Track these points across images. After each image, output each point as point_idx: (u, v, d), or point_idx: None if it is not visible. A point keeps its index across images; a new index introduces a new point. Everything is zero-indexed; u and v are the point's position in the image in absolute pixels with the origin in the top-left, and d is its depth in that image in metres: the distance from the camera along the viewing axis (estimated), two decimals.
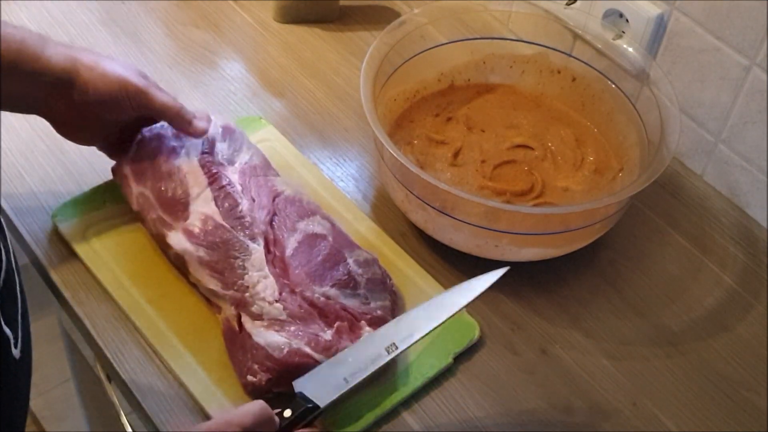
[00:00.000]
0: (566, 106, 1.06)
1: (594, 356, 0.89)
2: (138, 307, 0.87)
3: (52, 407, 1.69)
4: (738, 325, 0.93)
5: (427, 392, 0.84)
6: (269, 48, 1.17)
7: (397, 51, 1.00)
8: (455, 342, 0.87)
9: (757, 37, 0.94)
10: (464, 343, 0.87)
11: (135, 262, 0.90)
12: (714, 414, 0.86)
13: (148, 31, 1.16)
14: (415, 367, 0.84)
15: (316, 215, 0.90)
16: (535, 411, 0.84)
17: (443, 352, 0.86)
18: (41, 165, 0.99)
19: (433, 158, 1.00)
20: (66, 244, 0.91)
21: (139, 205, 0.90)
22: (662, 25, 1.02)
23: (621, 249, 0.98)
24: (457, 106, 1.06)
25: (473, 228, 0.89)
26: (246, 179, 0.91)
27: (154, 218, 0.88)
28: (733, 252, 0.99)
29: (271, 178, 0.93)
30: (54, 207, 0.94)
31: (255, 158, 0.94)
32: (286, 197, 0.91)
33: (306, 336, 0.81)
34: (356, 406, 0.81)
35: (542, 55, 1.06)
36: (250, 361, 0.80)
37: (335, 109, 1.10)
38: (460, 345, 0.87)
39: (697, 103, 1.03)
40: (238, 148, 0.93)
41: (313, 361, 0.79)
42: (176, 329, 0.85)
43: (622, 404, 0.86)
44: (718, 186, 1.05)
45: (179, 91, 1.09)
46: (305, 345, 0.80)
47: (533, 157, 1.01)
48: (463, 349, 0.87)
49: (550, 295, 0.94)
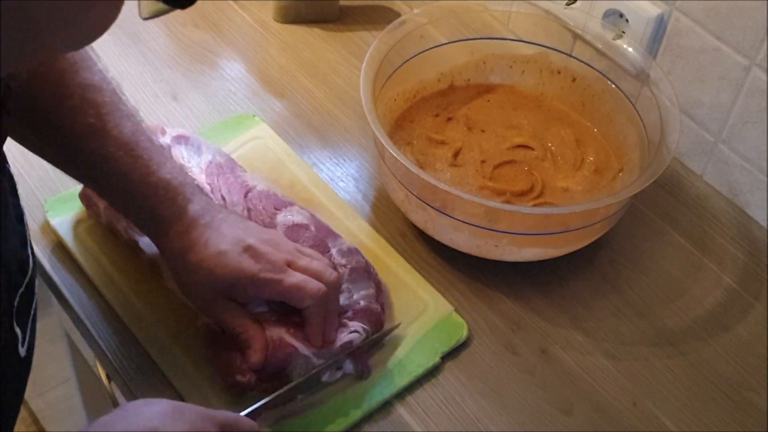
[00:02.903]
0: (566, 106, 1.06)
1: (594, 356, 0.89)
2: (127, 302, 0.87)
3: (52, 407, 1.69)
4: (738, 325, 0.93)
5: (427, 392, 0.84)
6: (269, 48, 1.17)
7: (397, 51, 1.00)
8: (443, 341, 0.87)
9: (757, 37, 0.94)
10: (452, 343, 0.87)
11: (123, 256, 0.90)
12: (714, 414, 0.86)
13: (148, 31, 1.16)
14: (402, 366, 0.85)
15: (294, 205, 0.90)
16: (535, 411, 0.84)
17: (431, 352, 0.86)
18: (41, 165, 0.98)
19: (433, 158, 1.00)
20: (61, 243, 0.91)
21: (107, 217, 0.89)
22: (662, 25, 1.02)
23: (621, 249, 0.98)
24: (457, 106, 1.06)
25: (473, 228, 0.89)
26: (213, 178, 0.90)
27: (124, 226, 0.88)
28: (733, 252, 0.99)
29: (239, 175, 0.92)
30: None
31: (218, 157, 0.93)
32: (259, 192, 0.91)
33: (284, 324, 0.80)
34: (341, 403, 0.81)
35: (542, 55, 1.06)
36: (237, 360, 0.79)
37: (335, 109, 1.09)
38: (447, 344, 0.87)
39: (697, 103, 1.03)
40: (197, 150, 0.93)
41: (293, 349, 0.79)
42: (165, 324, 0.85)
43: (622, 404, 0.86)
44: (718, 186, 1.05)
45: (179, 91, 1.09)
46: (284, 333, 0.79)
47: (533, 157, 1.01)
48: (450, 348, 0.87)
49: (550, 295, 0.93)
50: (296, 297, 0.79)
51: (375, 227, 0.96)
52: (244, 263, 0.78)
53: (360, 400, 0.82)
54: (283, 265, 0.80)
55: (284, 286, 0.79)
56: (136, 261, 0.89)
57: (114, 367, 0.84)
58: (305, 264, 0.81)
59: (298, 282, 0.79)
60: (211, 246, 0.78)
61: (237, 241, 0.79)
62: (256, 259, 0.79)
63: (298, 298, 0.79)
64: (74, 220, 0.93)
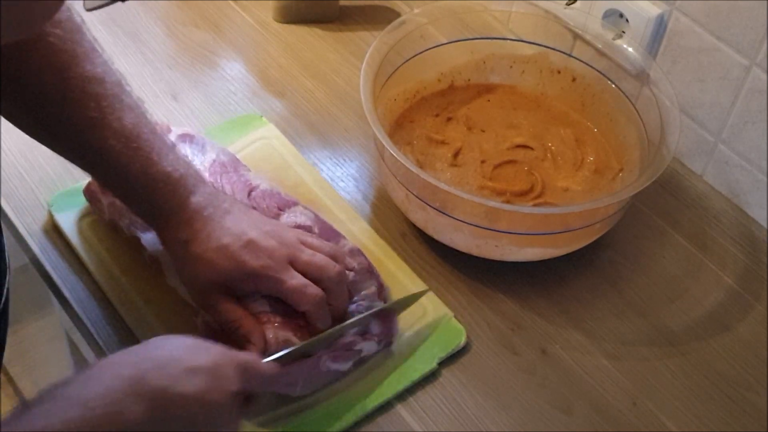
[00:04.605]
0: (566, 106, 1.06)
1: (594, 356, 0.89)
2: (127, 298, 0.87)
3: None
4: (738, 325, 0.93)
5: (427, 392, 0.84)
6: (269, 48, 1.17)
7: (397, 51, 1.00)
8: (441, 347, 0.87)
9: (757, 37, 0.93)
10: (450, 349, 0.87)
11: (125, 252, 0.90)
12: (714, 414, 0.86)
13: (148, 31, 1.16)
14: (399, 371, 0.84)
15: (298, 205, 0.90)
16: (535, 411, 0.84)
17: (429, 357, 0.86)
18: (41, 165, 0.99)
19: (433, 158, 1.00)
20: (63, 240, 0.92)
21: (110, 214, 0.90)
22: (662, 25, 1.02)
23: (621, 249, 0.98)
24: (457, 106, 1.06)
25: (473, 228, 0.89)
26: (217, 177, 0.91)
27: (127, 223, 0.88)
28: (733, 252, 0.99)
29: (243, 174, 0.92)
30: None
31: (222, 156, 0.94)
32: (263, 191, 0.91)
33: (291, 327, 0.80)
34: (336, 406, 0.81)
35: (542, 55, 1.06)
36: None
37: (335, 109, 1.09)
38: (446, 350, 0.86)
39: (697, 103, 1.03)
40: (201, 148, 0.93)
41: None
42: (164, 321, 0.85)
43: (622, 404, 0.86)
44: (718, 186, 1.05)
45: (179, 91, 1.09)
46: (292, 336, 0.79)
47: (533, 157, 1.01)
48: (448, 354, 0.86)
49: (550, 295, 0.93)
50: (296, 300, 0.79)
51: (375, 227, 0.96)
52: (245, 258, 0.78)
53: (359, 400, 0.82)
54: (285, 263, 0.80)
55: (284, 288, 0.79)
56: (138, 257, 0.89)
57: None
58: (308, 258, 0.81)
59: (298, 286, 0.79)
60: (214, 239, 0.79)
61: (239, 234, 0.79)
62: (257, 254, 0.79)
63: (297, 301, 0.79)
64: (78, 215, 0.93)
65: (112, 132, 0.78)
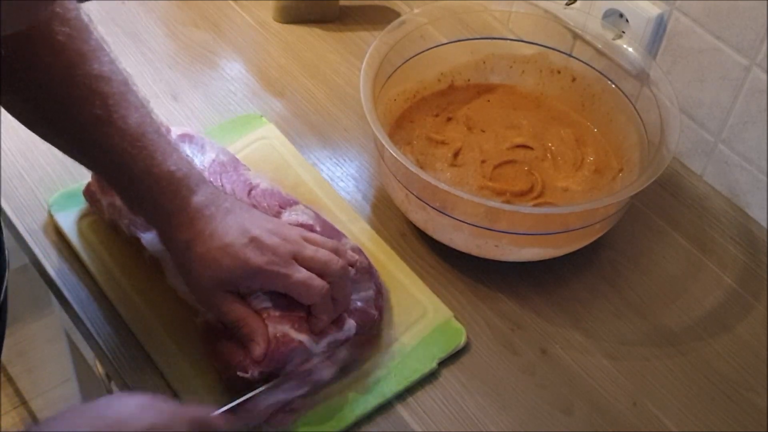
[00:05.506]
0: (566, 106, 1.06)
1: (594, 356, 0.89)
2: (126, 298, 0.87)
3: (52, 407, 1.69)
4: (738, 325, 0.93)
5: (427, 392, 0.84)
6: (269, 48, 1.17)
7: (397, 51, 1.00)
8: (441, 347, 0.86)
9: (757, 37, 0.94)
10: (450, 349, 0.87)
11: (125, 253, 0.90)
12: (714, 414, 0.86)
13: (148, 31, 1.16)
14: (398, 371, 0.84)
15: (299, 204, 0.90)
16: (535, 411, 0.84)
17: (428, 357, 0.86)
18: (41, 165, 0.99)
19: (433, 158, 1.00)
20: (63, 239, 0.92)
21: (110, 214, 0.90)
22: (662, 25, 1.02)
23: (621, 249, 0.98)
24: (457, 106, 1.06)
25: (473, 228, 0.89)
26: (217, 176, 0.91)
27: (126, 223, 0.88)
28: (733, 252, 0.99)
29: (242, 173, 0.93)
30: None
31: (222, 155, 0.94)
32: (263, 190, 0.91)
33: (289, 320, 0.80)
34: (335, 406, 0.81)
35: (542, 55, 1.06)
36: (239, 356, 0.79)
37: (335, 109, 1.09)
38: (445, 350, 0.86)
39: (697, 103, 1.03)
40: (200, 148, 0.93)
41: (299, 343, 0.79)
42: (163, 321, 0.86)
43: (622, 404, 0.86)
44: (718, 186, 1.05)
45: (179, 91, 1.09)
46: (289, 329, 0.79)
47: (533, 157, 1.01)
48: (448, 354, 0.86)
49: (550, 295, 0.93)
50: (302, 294, 0.80)
51: (375, 227, 0.96)
52: (250, 255, 0.78)
53: (359, 400, 0.82)
54: (289, 259, 0.80)
55: (290, 282, 0.79)
56: (138, 257, 0.89)
57: (114, 367, 0.84)
58: (311, 254, 0.81)
59: (303, 279, 0.79)
60: (217, 238, 0.79)
61: (242, 232, 0.79)
62: (262, 250, 0.79)
63: (303, 295, 0.80)
64: (78, 215, 0.93)
65: (117, 130, 0.78)
